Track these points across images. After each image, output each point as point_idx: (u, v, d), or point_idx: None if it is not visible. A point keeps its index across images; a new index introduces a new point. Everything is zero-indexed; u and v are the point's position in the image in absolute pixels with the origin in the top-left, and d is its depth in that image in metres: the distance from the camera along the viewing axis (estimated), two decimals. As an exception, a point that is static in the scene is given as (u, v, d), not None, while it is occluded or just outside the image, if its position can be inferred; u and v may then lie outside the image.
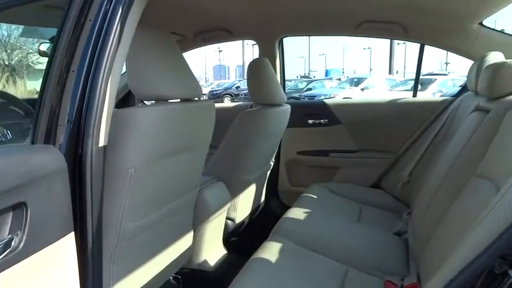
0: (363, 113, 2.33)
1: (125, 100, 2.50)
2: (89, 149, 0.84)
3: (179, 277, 1.68)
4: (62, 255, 0.79)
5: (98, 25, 0.84)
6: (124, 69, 1.10)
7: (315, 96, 12.90)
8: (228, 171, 1.88)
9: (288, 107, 2.09)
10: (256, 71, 1.87)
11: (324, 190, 2.11)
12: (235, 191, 1.89)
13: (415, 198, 1.85)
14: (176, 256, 1.50)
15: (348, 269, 1.35)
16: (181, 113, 1.22)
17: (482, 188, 1.07)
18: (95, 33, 0.84)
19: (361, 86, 13.69)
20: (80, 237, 0.86)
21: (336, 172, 2.42)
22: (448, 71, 18.93)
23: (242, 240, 2.21)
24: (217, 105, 2.78)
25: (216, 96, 18.19)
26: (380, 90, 13.04)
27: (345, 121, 2.36)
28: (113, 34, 0.84)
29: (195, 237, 1.65)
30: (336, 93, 12.85)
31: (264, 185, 2.28)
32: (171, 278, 1.66)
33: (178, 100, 1.26)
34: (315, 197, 1.98)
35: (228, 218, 1.93)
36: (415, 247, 1.41)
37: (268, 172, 2.27)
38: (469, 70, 1.80)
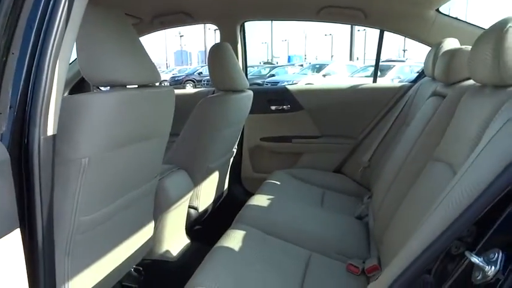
0: (325, 99, 2.34)
1: (80, 87, 2.38)
2: (36, 139, 0.77)
3: (140, 268, 1.64)
4: (6, 254, 0.73)
5: (42, 2, 0.77)
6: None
7: (277, 83, 12.93)
8: (190, 160, 1.83)
9: (251, 93, 2.07)
10: (217, 56, 1.82)
11: (287, 176, 2.12)
12: (197, 179, 1.86)
13: (375, 182, 1.89)
14: (137, 248, 1.45)
15: (311, 253, 1.36)
16: (139, 99, 1.16)
17: (438, 170, 1.09)
18: (39, 10, 0.77)
19: (323, 72, 13.86)
20: (29, 234, 0.80)
21: (299, 158, 2.43)
22: (405, 58, 19.53)
23: (206, 229, 2.19)
24: (178, 91, 2.73)
25: (178, 82, 17.85)
26: (341, 76, 13.26)
27: (308, 107, 2.36)
28: (60, 12, 0.77)
29: (156, 227, 1.60)
30: (299, 80, 12.95)
31: (227, 173, 2.26)
32: (132, 269, 1.61)
33: (136, 86, 1.20)
34: (278, 183, 1.98)
35: (190, 207, 1.89)
36: (375, 230, 1.44)
37: (231, 159, 2.25)
38: (427, 56, 1.84)
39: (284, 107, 2.40)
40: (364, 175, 2.15)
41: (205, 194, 1.96)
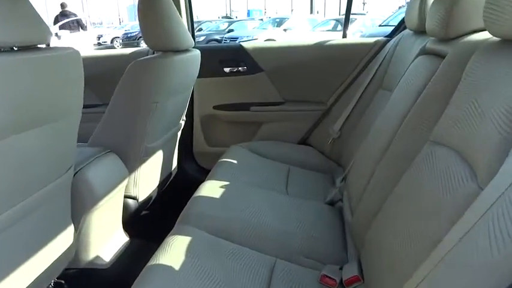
0: (288, 59, 1.99)
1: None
2: None
3: (62, 282, 1.31)
4: None
5: None
6: None
7: (237, 38, 12.37)
8: (121, 140, 1.46)
9: (197, 52, 1.68)
10: (150, 6, 1.41)
11: (244, 152, 1.79)
12: (132, 164, 1.50)
13: (348, 158, 1.61)
14: (53, 258, 1.12)
15: (275, 260, 1.07)
16: (18, 67, 0.79)
17: (442, 158, 0.80)
18: None
19: (284, 26, 13.36)
20: None
21: (259, 128, 2.10)
22: (366, 11, 19.22)
23: (151, 220, 1.86)
24: (109, 52, 2.27)
25: (132, 39, 16.71)
26: (302, 30, 12.82)
27: (268, 68, 2.00)
28: None
29: (79, 229, 1.26)
30: (259, 34, 12.44)
31: (174, 149, 1.90)
32: (52, 285, 1.27)
33: (14, 48, 0.83)
34: (235, 161, 1.66)
35: (127, 197, 1.54)
36: (354, 227, 1.16)
37: (179, 133, 1.89)
38: (409, 4, 1.51)
39: (240, 68, 2.03)
40: (333, 147, 1.86)
41: (146, 179, 1.61)
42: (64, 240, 1.17)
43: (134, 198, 1.57)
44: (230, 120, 2.11)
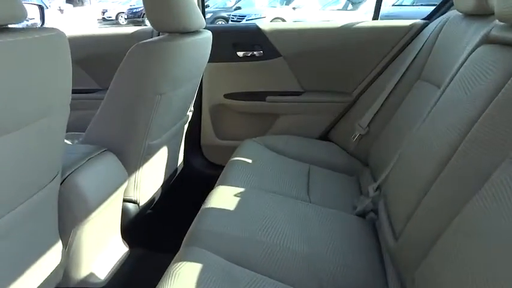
0: (309, 43, 1.75)
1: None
2: None
3: None
4: None
5: None
6: None
7: (244, 16, 12.01)
8: (120, 136, 1.26)
9: (208, 34, 1.46)
10: None
11: (260, 147, 1.59)
12: (133, 163, 1.30)
13: (378, 159, 1.41)
14: (40, 281, 0.94)
15: None
16: None
17: None
18: None
19: (293, 4, 12.93)
20: None
21: (275, 120, 1.88)
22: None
23: (155, 224, 1.67)
24: (107, 31, 2.03)
25: (137, 14, 16.29)
26: (312, 8, 12.40)
27: (287, 53, 1.77)
28: None
29: (69, 244, 1.08)
30: (267, 12, 12.07)
31: (180, 144, 1.70)
32: None
33: None
34: (249, 160, 1.45)
35: (126, 201, 1.35)
36: (398, 253, 0.96)
37: (186, 125, 1.68)
38: None
39: (255, 53, 1.80)
40: (359, 145, 1.65)
41: (148, 180, 1.42)
42: (50, 259, 0.98)
43: (135, 202, 1.38)
44: (243, 111, 1.90)
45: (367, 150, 1.59)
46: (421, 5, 8.78)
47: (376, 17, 1.76)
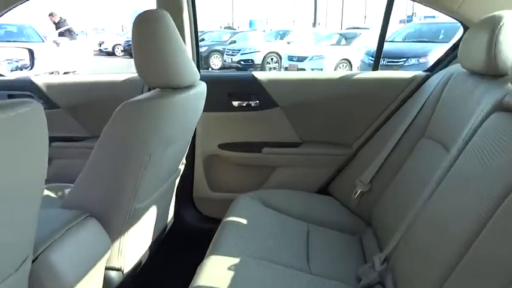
0: (307, 93, 1.69)
1: None
2: None
3: None
4: None
5: None
6: None
7: (239, 50, 12.15)
8: (104, 200, 1.16)
9: (203, 87, 1.39)
10: (147, 35, 1.11)
11: (256, 204, 1.49)
12: (118, 229, 1.19)
13: (382, 220, 1.32)
14: None
15: None
16: None
17: None
18: None
19: (287, 39, 13.15)
20: None
21: (272, 173, 1.79)
22: (369, 26, 19.04)
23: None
24: (97, 77, 1.93)
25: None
26: (306, 43, 12.60)
27: (284, 103, 1.71)
28: None
29: None
30: (262, 46, 12.23)
31: (171, 200, 1.59)
32: None
33: None
34: (244, 221, 1.35)
35: (109, 269, 1.23)
36: None
37: (177, 180, 1.58)
38: (465, 40, 1.22)
39: (251, 102, 1.73)
40: (361, 203, 1.55)
41: (134, 244, 1.30)
42: None
43: (118, 269, 1.26)
44: (238, 162, 1.81)
45: (370, 209, 1.50)
46: (412, 41, 8.94)
47: (376, 67, 1.70)
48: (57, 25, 8.50)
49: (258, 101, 1.72)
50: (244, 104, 1.74)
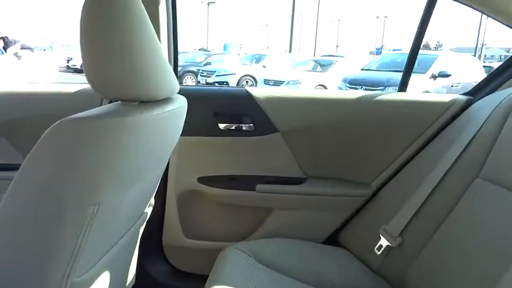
0: (315, 116, 1.33)
1: None
2: None
3: None
4: None
5: None
6: None
7: (214, 72, 11.90)
8: (24, 272, 0.73)
9: (183, 102, 1.00)
10: (101, 24, 0.71)
11: (246, 259, 1.08)
12: None
13: None
14: None
15: None
16: None
17: None
18: None
19: (263, 63, 13.04)
20: None
21: (267, 217, 1.40)
22: (344, 54, 19.30)
23: None
24: (42, 87, 1.43)
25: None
26: (282, 68, 12.50)
27: (285, 128, 1.33)
28: None
29: None
30: (238, 69, 12.09)
31: (132, 256, 1.16)
32: None
33: None
34: (232, 286, 0.94)
35: None
36: None
37: (143, 226, 1.16)
38: None
39: (243, 126, 1.35)
40: (389, 262, 1.18)
41: None
42: None
43: None
44: (223, 202, 1.40)
45: (401, 272, 1.12)
46: (389, 70, 8.95)
47: (403, 88, 1.36)
48: (5, 46, 7.87)
49: (252, 124, 1.34)
50: (234, 128, 1.35)
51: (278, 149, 1.35)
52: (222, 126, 1.35)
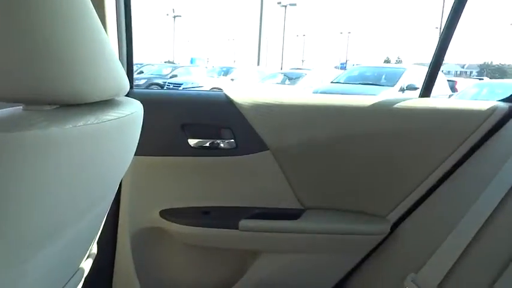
0: (316, 129, 1.01)
1: None
2: None
3: None
4: None
5: None
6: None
7: (181, 84, 11.52)
8: None
9: (137, 108, 0.66)
10: None
11: None
12: None
13: None
14: None
15: None
16: None
17: None
18: None
19: (231, 76, 12.81)
20: None
21: (254, 262, 1.06)
22: (310, 68, 19.40)
23: None
24: None
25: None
26: (251, 81, 12.30)
27: (278, 145, 1.01)
28: None
29: None
30: (205, 81, 11.82)
31: None
32: None
33: None
34: None
35: None
36: None
37: (79, 285, 0.79)
38: None
39: (221, 142, 1.02)
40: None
41: None
42: None
43: None
44: (194, 243, 1.05)
45: None
46: (360, 83, 8.93)
47: (426, 93, 1.07)
48: None
49: (232, 140, 1.01)
50: (209, 144, 1.02)
51: (267, 172, 1.02)
52: (192, 142, 1.01)
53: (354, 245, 1.04)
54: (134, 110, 0.65)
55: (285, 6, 27.65)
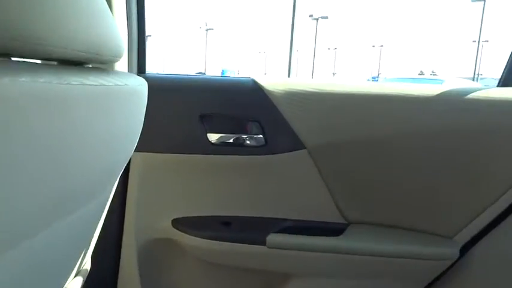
0: (365, 123, 0.82)
1: None
2: None
3: None
4: None
5: None
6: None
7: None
8: None
9: (141, 86, 0.49)
10: None
11: None
12: None
13: None
14: None
15: None
16: None
17: None
18: None
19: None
20: None
21: (284, 286, 0.87)
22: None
23: None
24: None
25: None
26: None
27: (317, 142, 0.82)
28: None
29: None
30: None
31: None
32: None
33: None
34: None
35: None
36: None
37: None
38: None
39: (246, 138, 0.84)
40: None
41: None
42: None
43: None
44: (212, 261, 0.87)
45: None
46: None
47: (508, 82, 0.86)
48: None
49: (262, 135, 0.83)
50: (232, 140, 0.84)
51: (303, 176, 0.83)
52: (212, 137, 0.84)
53: (412, 271, 0.82)
54: (136, 83, 0.49)
55: (317, 19, 27.56)
